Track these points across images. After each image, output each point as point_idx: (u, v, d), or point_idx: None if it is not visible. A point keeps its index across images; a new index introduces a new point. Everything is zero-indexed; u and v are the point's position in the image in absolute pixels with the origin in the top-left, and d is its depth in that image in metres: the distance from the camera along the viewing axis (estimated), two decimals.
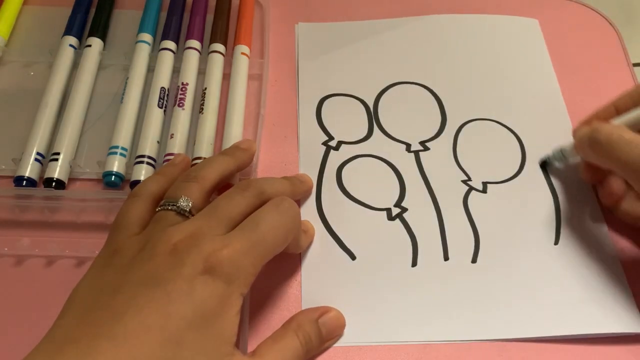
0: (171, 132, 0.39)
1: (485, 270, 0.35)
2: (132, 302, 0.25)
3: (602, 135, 0.33)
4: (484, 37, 0.46)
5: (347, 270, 0.35)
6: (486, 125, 0.42)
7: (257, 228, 0.28)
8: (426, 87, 0.43)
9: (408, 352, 0.32)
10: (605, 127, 0.33)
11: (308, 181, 0.38)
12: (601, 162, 0.34)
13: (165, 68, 0.42)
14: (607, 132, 0.33)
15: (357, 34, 0.47)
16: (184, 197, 0.29)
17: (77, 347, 0.23)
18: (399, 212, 0.37)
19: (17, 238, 0.35)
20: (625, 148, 0.32)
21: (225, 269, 0.26)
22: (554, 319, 0.33)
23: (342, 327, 0.32)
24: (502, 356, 0.32)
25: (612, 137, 0.33)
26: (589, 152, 0.34)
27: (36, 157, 0.37)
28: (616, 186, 0.35)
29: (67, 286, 0.27)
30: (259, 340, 0.30)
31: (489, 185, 0.38)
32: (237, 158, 0.34)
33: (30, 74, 0.43)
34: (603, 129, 0.33)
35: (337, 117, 0.42)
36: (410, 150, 0.40)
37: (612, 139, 0.33)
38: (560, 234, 0.36)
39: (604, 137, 0.33)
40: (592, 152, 0.34)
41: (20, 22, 0.46)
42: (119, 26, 0.46)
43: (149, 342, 0.24)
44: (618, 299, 0.33)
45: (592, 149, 0.34)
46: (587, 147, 0.34)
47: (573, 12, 0.49)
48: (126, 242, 0.28)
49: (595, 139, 0.33)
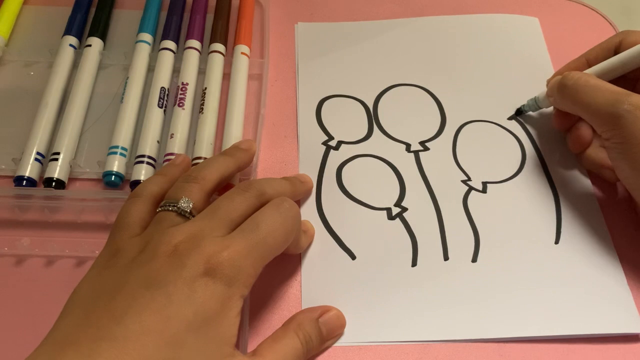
0: (171, 132, 0.39)
1: (485, 270, 0.35)
2: (132, 303, 0.25)
3: (570, 80, 0.36)
4: (484, 37, 0.46)
5: (347, 270, 0.35)
6: (486, 125, 0.42)
7: (258, 229, 0.28)
8: (426, 90, 0.43)
9: (408, 352, 0.32)
10: (574, 74, 0.36)
11: (308, 181, 0.38)
12: (568, 107, 0.36)
13: (165, 68, 0.42)
14: (574, 77, 0.36)
15: (357, 34, 0.47)
16: (184, 198, 0.30)
17: (78, 349, 0.23)
18: (399, 211, 0.37)
19: (17, 238, 0.35)
20: (590, 92, 0.34)
21: (226, 270, 0.26)
22: (553, 318, 0.33)
23: (342, 327, 0.32)
24: (502, 356, 0.32)
25: (578, 82, 0.35)
26: (558, 98, 0.37)
27: (36, 157, 0.37)
28: (583, 132, 0.37)
29: (67, 286, 0.27)
30: (259, 340, 0.30)
31: (489, 185, 0.38)
32: (237, 158, 0.34)
33: (30, 74, 0.43)
34: (571, 74, 0.36)
35: (337, 117, 0.42)
36: (410, 151, 0.40)
37: (578, 84, 0.35)
38: (560, 233, 0.36)
39: (571, 82, 0.35)
40: (560, 97, 0.36)
41: (20, 22, 0.46)
42: (119, 26, 0.46)
43: (149, 344, 0.24)
44: (618, 299, 0.34)
45: (560, 93, 0.36)
46: (557, 92, 0.37)
47: (573, 12, 0.49)
48: (127, 242, 0.28)
49: (563, 84, 0.36)
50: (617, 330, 0.32)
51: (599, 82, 0.35)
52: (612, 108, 0.33)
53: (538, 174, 0.39)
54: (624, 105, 0.32)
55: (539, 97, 0.40)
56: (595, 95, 0.34)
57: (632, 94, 0.33)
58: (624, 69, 0.36)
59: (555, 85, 0.37)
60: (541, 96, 0.40)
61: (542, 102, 0.40)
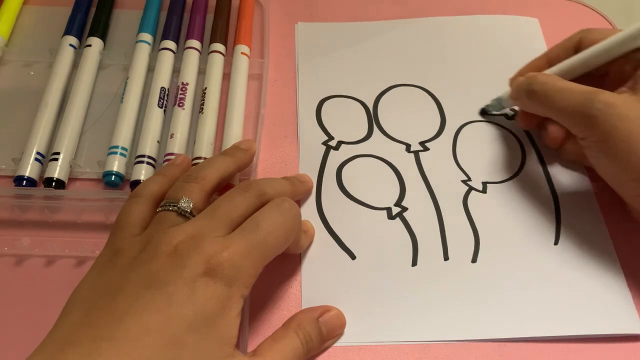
0: (171, 132, 0.39)
1: (485, 270, 0.35)
2: (133, 303, 0.25)
3: (538, 85, 0.36)
4: (484, 38, 0.46)
5: (347, 270, 0.35)
6: (486, 125, 0.42)
7: (258, 229, 0.28)
8: (426, 90, 0.43)
9: (408, 352, 0.32)
10: (540, 77, 0.36)
11: (308, 181, 0.38)
12: (538, 111, 0.37)
13: (166, 68, 0.42)
14: (541, 81, 0.36)
15: (357, 34, 0.47)
16: (184, 198, 0.30)
17: (78, 349, 0.24)
18: (399, 211, 0.37)
19: (17, 238, 0.35)
20: (559, 96, 0.34)
21: (226, 270, 0.26)
22: (553, 319, 0.33)
23: (342, 326, 0.32)
24: (502, 356, 0.32)
25: (546, 86, 0.35)
26: (525, 101, 0.37)
27: (36, 157, 0.37)
28: (556, 131, 0.37)
29: (67, 286, 0.27)
30: (259, 340, 0.30)
31: (489, 185, 0.38)
32: (237, 158, 0.34)
33: (30, 74, 0.43)
34: (538, 78, 0.36)
35: (337, 117, 0.42)
36: (410, 151, 0.40)
37: (546, 88, 0.35)
38: (560, 234, 0.36)
39: (539, 86, 0.35)
40: (529, 101, 0.37)
41: (20, 22, 0.46)
42: (119, 26, 0.46)
43: (149, 344, 0.24)
44: (617, 299, 0.34)
45: (529, 98, 0.36)
46: (524, 96, 0.37)
47: (573, 12, 0.49)
48: (127, 242, 0.28)
49: (531, 90, 0.36)
50: (616, 331, 0.32)
51: (567, 83, 0.35)
52: (584, 109, 0.33)
53: (538, 174, 0.39)
54: (595, 105, 0.32)
55: (503, 98, 0.40)
56: (565, 98, 0.34)
57: (601, 91, 0.33)
58: (585, 67, 0.36)
59: (522, 90, 0.37)
60: (505, 96, 0.40)
61: (506, 102, 0.40)
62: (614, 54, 0.35)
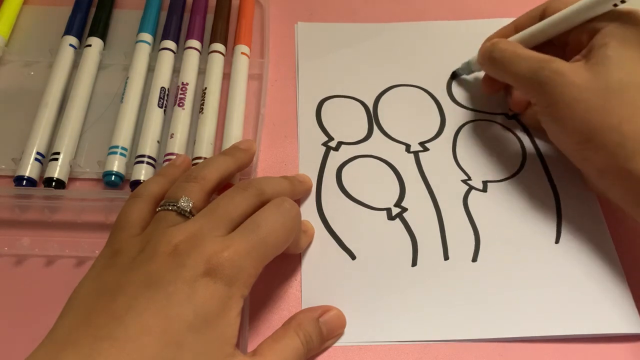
0: (171, 131, 0.39)
1: (486, 270, 0.35)
2: (133, 303, 0.25)
3: (498, 51, 0.37)
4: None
5: (347, 270, 0.35)
6: (486, 124, 0.42)
7: (258, 229, 0.28)
8: (426, 90, 0.43)
9: (408, 352, 0.32)
10: (501, 44, 0.37)
11: (307, 181, 0.38)
12: (497, 75, 0.38)
13: (166, 68, 0.42)
14: (502, 48, 0.37)
15: (357, 35, 0.47)
16: (184, 198, 0.29)
17: (78, 349, 0.24)
18: (399, 211, 0.37)
19: (17, 238, 0.35)
20: (515, 62, 0.36)
21: (226, 270, 0.26)
22: (554, 318, 0.33)
23: (343, 326, 0.32)
24: (502, 356, 0.32)
25: (505, 53, 0.37)
26: (488, 68, 0.39)
27: (36, 157, 0.37)
28: (518, 96, 0.40)
29: (67, 286, 0.27)
30: (259, 340, 0.30)
31: (489, 184, 0.38)
32: (237, 158, 0.34)
33: (30, 74, 0.43)
34: (499, 45, 0.37)
35: (337, 118, 0.42)
36: (410, 151, 0.40)
37: (505, 55, 0.36)
38: (561, 233, 0.36)
39: (498, 53, 0.37)
40: (490, 67, 0.38)
41: (20, 22, 0.46)
42: (119, 26, 0.46)
43: (149, 344, 0.24)
44: (618, 299, 0.33)
45: (490, 64, 0.38)
46: (487, 63, 0.38)
47: None
48: (127, 242, 0.28)
49: (492, 57, 0.37)
50: (616, 331, 0.32)
51: (524, 51, 0.36)
52: (535, 75, 0.34)
53: (538, 173, 0.39)
54: (545, 72, 0.34)
55: (472, 62, 0.42)
56: (520, 65, 0.35)
57: (554, 59, 0.34)
58: (544, 35, 0.37)
59: (485, 56, 0.38)
60: (473, 60, 0.41)
61: (474, 66, 0.42)
62: (571, 23, 0.36)
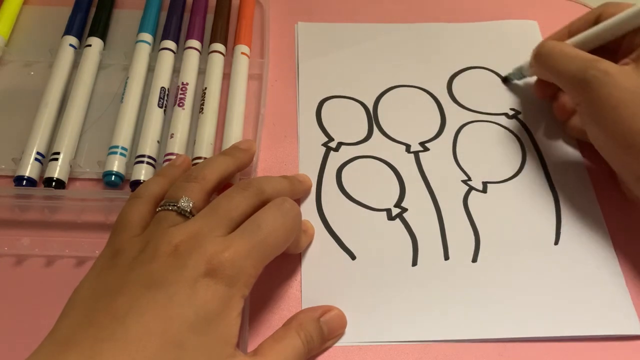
0: (171, 131, 0.39)
1: (486, 270, 0.35)
2: (133, 304, 0.25)
3: (545, 48, 0.37)
4: (483, 43, 0.46)
5: (347, 270, 0.35)
6: (486, 125, 0.42)
7: (259, 230, 0.28)
8: (426, 91, 0.43)
9: (408, 352, 0.32)
10: (550, 42, 0.37)
11: (307, 181, 0.38)
12: (544, 75, 0.38)
13: (166, 68, 0.42)
14: (550, 45, 0.37)
15: (357, 35, 0.47)
16: (184, 197, 0.29)
17: (79, 349, 0.23)
18: (399, 212, 0.37)
19: (17, 238, 0.35)
20: (562, 59, 0.36)
21: (227, 271, 0.26)
22: (553, 319, 0.33)
23: (343, 326, 0.32)
24: (502, 356, 0.32)
25: (553, 50, 0.36)
26: (534, 66, 0.38)
27: (36, 157, 0.37)
28: (566, 101, 0.39)
29: (67, 286, 0.27)
30: (259, 340, 0.30)
31: (489, 185, 0.38)
32: (237, 158, 0.34)
33: (30, 74, 0.43)
34: (548, 43, 0.37)
35: (337, 118, 0.42)
36: (410, 151, 0.40)
37: (553, 52, 0.36)
38: (560, 234, 0.36)
39: (546, 49, 0.37)
40: (536, 65, 0.38)
41: (20, 22, 0.46)
42: (119, 26, 0.46)
43: (150, 345, 0.24)
44: (617, 300, 0.34)
45: (536, 61, 0.38)
46: (533, 60, 0.38)
47: (573, 12, 0.49)
48: (127, 242, 0.28)
49: (539, 52, 0.37)
50: (615, 332, 0.32)
51: (572, 50, 0.36)
52: (580, 74, 0.34)
53: (538, 174, 0.39)
54: (592, 71, 0.33)
55: (524, 66, 0.42)
56: (566, 63, 0.35)
57: (601, 60, 0.34)
58: (599, 39, 0.37)
59: (534, 54, 0.38)
60: (525, 65, 0.41)
61: (526, 70, 0.42)
62: (626, 28, 0.36)
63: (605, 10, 0.37)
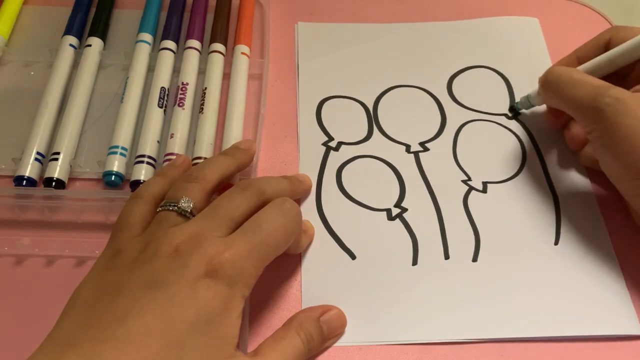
0: (171, 131, 0.39)
1: (486, 270, 0.35)
2: (134, 304, 0.25)
3: (554, 75, 0.36)
4: (484, 40, 0.46)
5: (347, 270, 0.35)
6: (486, 125, 0.42)
7: (259, 230, 0.28)
8: (426, 91, 0.43)
9: (408, 352, 0.32)
10: (558, 68, 0.36)
11: (307, 181, 0.38)
12: (553, 102, 0.37)
13: (166, 68, 0.42)
14: (558, 72, 0.36)
15: (357, 35, 0.47)
16: (185, 198, 0.29)
17: (79, 350, 0.23)
18: (399, 212, 0.37)
19: (17, 238, 0.35)
20: (572, 86, 0.34)
21: (228, 271, 0.26)
22: (553, 319, 0.33)
23: (343, 326, 0.32)
24: (502, 356, 0.32)
25: (561, 77, 0.35)
26: (543, 94, 0.37)
27: (36, 157, 0.37)
28: (577, 130, 0.37)
29: (67, 286, 0.27)
30: (259, 340, 0.30)
31: (489, 185, 0.38)
32: (237, 158, 0.34)
33: (30, 74, 0.43)
34: (556, 69, 0.36)
35: (337, 118, 0.42)
36: (410, 151, 0.40)
37: (561, 79, 0.35)
38: (560, 234, 0.36)
39: (554, 76, 0.36)
40: (545, 92, 0.37)
41: (20, 22, 0.46)
42: (119, 26, 0.46)
43: (151, 345, 0.24)
44: (616, 300, 0.34)
45: (544, 88, 0.36)
46: (541, 87, 0.37)
47: (573, 12, 0.49)
48: (128, 243, 0.28)
49: (547, 80, 0.36)
50: (614, 332, 0.32)
51: (582, 76, 0.34)
52: (592, 102, 0.32)
53: (538, 175, 0.39)
54: (604, 99, 0.32)
55: (531, 95, 0.40)
56: (577, 90, 0.34)
57: (613, 87, 0.32)
58: (612, 66, 0.36)
59: (541, 81, 0.37)
60: (533, 94, 0.40)
61: (534, 99, 0.40)
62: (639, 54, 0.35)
63: (616, 35, 0.36)
